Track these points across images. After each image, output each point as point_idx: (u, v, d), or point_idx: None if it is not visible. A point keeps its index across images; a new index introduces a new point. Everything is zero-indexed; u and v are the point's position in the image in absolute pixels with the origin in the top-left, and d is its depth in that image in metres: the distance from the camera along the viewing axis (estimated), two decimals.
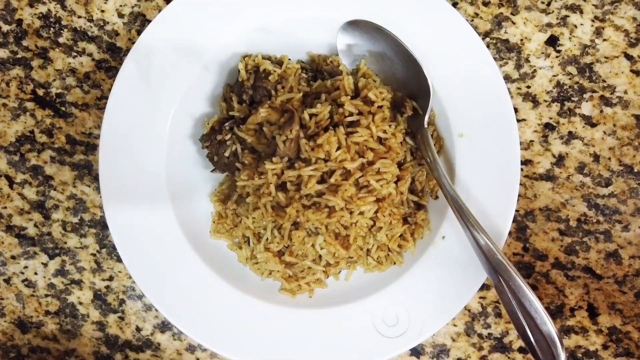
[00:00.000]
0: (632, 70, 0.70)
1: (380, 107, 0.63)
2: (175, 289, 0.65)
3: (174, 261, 0.66)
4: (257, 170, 0.63)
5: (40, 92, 0.73)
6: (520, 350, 0.71)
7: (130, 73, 0.66)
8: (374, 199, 0.61)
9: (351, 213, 0.62)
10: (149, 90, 0.66)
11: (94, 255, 0.73)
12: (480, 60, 0.64)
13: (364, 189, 0.61)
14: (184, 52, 0.66)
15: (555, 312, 0.71)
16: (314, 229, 0.63)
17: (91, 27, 0.73)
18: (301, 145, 0.61)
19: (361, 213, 0.62)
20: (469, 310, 0.71)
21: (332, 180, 0.60)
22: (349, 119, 0.62)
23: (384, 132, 0.63)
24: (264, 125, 0.63)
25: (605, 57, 0.70)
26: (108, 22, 0.73)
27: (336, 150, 0.60)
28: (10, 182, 0.73)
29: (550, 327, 0.58)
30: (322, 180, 0.61)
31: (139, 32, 0.72)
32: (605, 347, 0.71)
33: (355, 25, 0.65)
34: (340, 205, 0.61)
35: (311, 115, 0.62)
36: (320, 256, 0.65)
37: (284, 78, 0.64)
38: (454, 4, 0.71)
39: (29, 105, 0.73)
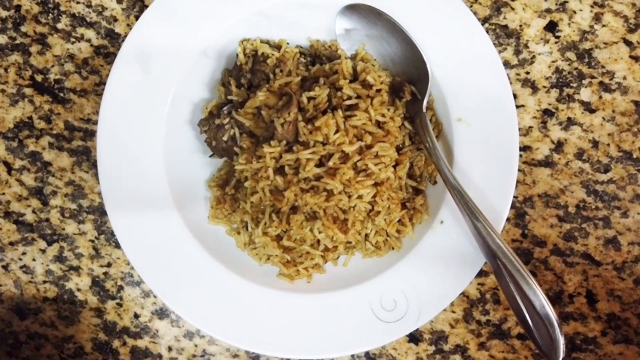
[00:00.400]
0: (631, 56, 0.70)
1: (378, 90, 0.63)
2: (174, 274, 0.65)
3: (172, 247, 0.65)
4: (255, 154, 0.63)
5: (39, 78, 0.73)
6: (519, 336, 0.71)
7: (128, 59, 0.65)
8: (372, 182, 0.61)
9: (349, 197, 0.61)
10: (146, 76, 0.66)
11: (92, 241, 0.73)
12: (479, 45, 0.64)
13: (362, 172, 0.61)
14: (182, 37, 0.66)
15: (554, 299, 0.70)
16: (312, 212, 0.63)
17: (90, 12, 0.73)
18: (299, 128, 0.61)
19: (359, 197, 0.62)
20: (467, 297, 0.71)
21: (330, 163, 0.60)
22: (348, 102, 0.62)
23: (383, 115, 0.62)
24: (262, 109, 0.63)
25: (604, 43, 0.70)
26: (107, 8, 0.73)
27: (334, 134, 0.60)
28: (9, 168, 0.73)
29: (548, 310, 0.58)
30: (320, 164, 0.61)
31: (137, 18, 0.72)
32: (604, 333, 0.70)
33: (354, 9, 0.65)
34: (339, 188, 0.60)
35: (309, 99, 0.62)
36: (318, 241, 0.65)
37: (282, 62, 0.64)
38: None
39: (28, 91, 0.73)
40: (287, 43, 0.67)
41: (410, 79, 0.66)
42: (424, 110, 0.65)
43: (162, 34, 0.65)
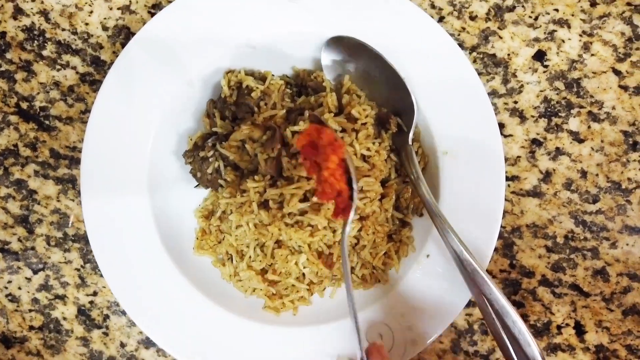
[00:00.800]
0: (620, 86, 0.70)
1: (364, 124, 0.63)
2: (158, 306, 0.65)
3: (156, 278, 0.65)
4: (239, 188, 0.62)
5: (24, 105, 0.73)
6: None
7: (113, 87, 0.65)
8: (357, 217, 0.61)
9: (334, 231, 0.61)
10: (131, 104, 0.65)
11: (78, 270, 0.73)
12: (464, 76, 0.64)
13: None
14: (168, 66, 0.65)
15: (542, 330, 0.70)
16: (297, 247, 0.62)
17: (75, 40, 0.72)
18: (283, 163, 0.60)
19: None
20: (455, 327, 0.71)
21: (314, 198, 0.60)
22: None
23: (368, 149, 0.62)
24: (247, 142, 0.62)
25: (593, 72, 0.70)
26: (92, 35, 0.72)
27: None
28: None
29: (534, 348, 0.57)
30: (304, 199, 0.61)
31: (123, 45, 0.72)
32: None
33: (339, 41, 0.64)
34: (323, 223, 0.60)
35: (293, 133, 0.61)
36: (303, 274, 0.64)
37: (267, 94, 0.64)
38: (441, 18, 0.70)
39: (13, 118, 0.73)
40: (273, 75, 0.66)
41: (396, 110, 0.65)
42: (410, 142, 0.64)
43: (148, 62, 0.65)
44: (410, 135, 0.64)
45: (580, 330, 0.70)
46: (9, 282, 0.73)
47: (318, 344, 0.64)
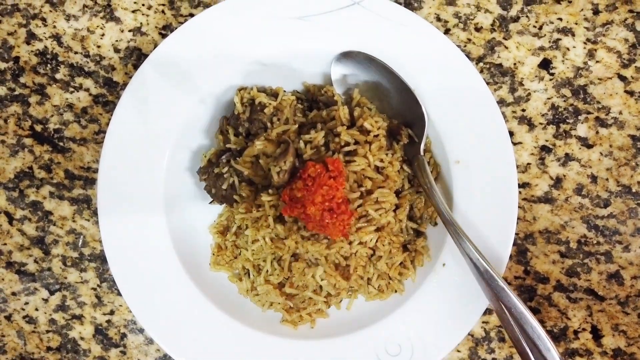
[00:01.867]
0: (626, 91, 0.71)
1: (376, 136, 0.63)
2: (176, 322, 0.65)
3: (173, 294, 0.65)
4: (254, 203, 0.63)
5: (39, 127, 0.74)
6: None
7: (128, 107, 0.66)
8: (373, 228, 0.61)
9: (350, 243, 0.62)
10: (146, 123, 0.66)
11: (94, 289, 0.73)
12: (473, 86, 0.65)
13: (362, 218, 0.61)
14: (180, 85, 0.67)
15: (559, 335, 0.70)
16: (314, 260, 0.63)
17: (88, 62, 0.74)
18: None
19: (361, 243, 0.62)
20: (472, 336, 0.71)
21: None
22: (346, 148, 0.62)
23: (381, 160, 0.63)
24: (260, 158, 0.63)
25: (598, 79, 0.71)
26: (104, 57, 0.73)
27: None
28: (10, 218, 0.73)
29: (554, 353, 0.57)
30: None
31: (135, 67, 0.73)
32: None
33: (349, 56, 0.66)
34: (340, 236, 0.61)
35: (306, 143, 0.62)
36: (320, 287, 0.65)
37: (280, 110, 0.65)
38: (447, 30, 0.71)
39: (27, 141, 0.74)
40: (284, 91, 0.67)
41: (406, 121, 0.66)
42: (422, 153, 0.65)
43: (161, 82, 0.66)
44: (422, 145, 0.65)
45: (597, 334, 0.70)
46: (26, 303, 0.73)
47: (336, 357, 0.64)
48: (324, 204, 0.58)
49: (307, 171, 0.59)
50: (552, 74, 0.71)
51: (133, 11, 0.73)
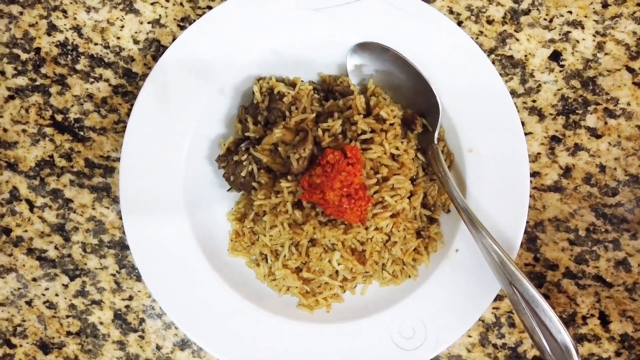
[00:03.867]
0: (634, 83, 0.72)
1: (392, 124, 0.65)
2: (195, 306, 0.67)
3: (193, 279, 0.67)
4: (273, 189, 0.65)
5: (59, 117, 0.75)
6: (535, 359, 0.72)
7: (148, 97, 0.68)
8: (389, 214, 0.63)
9: (367, 229, 0.63)
10: (166, 113, 0.68)
11: (113, 275, 0.75)
12: (486, 76, 0.66)
13: (378, 204, 0.63)
14: (200, 75, 0.68)
15: (568, 321, 0.72)
16: (331, 245, 0.65)
17: (107, 53, 0.75)
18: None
19: (377, 229, 0.63)
20: (483, 321, 0.72)
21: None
22: (363, 137, 0.64)
23: (397, 148, 0.64)
24: (279, 145, 0.65)
25: (607, 71, 0.72)
26: (124, 49, 0.75)
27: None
28: (31, 206, 0.75)
29: (565, 335, 0.59)
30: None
31: (154, 58, 0.75)
32: (618, 354, 0.72)
33: (364, 47, 0.67)
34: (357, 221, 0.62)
35: (324, 130, 0.64)
36: (337, 271, 0.66)
37: (298, 99, 0.66)
38: (459, 23, 0.73)
39: (48, 130, 0.75)
40: (302, 81, 0.69)
41: (420, 111, 0.68)
42: (436, 141, 0.67)
43: (180, 72, 0.68)
44: (436, 134, 0.66)
45: (604, 320, 0.72)
46: (47, 289, 0.75)
47: (352, 340, 0.66)
48: (342, 189, 0.60)
49: (326, 158, 0.60)
50: (562, 66, 0.73)
51: (152, 3, 0.75)
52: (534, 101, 0.73)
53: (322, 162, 0.60)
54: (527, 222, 0.72)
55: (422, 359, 0.65)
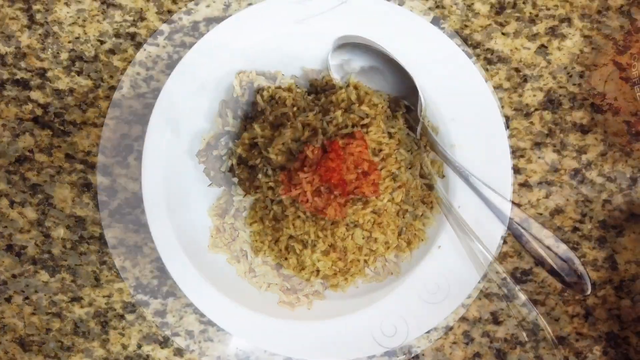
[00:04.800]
0: (621, 78, 0.71)
1: (374, 118, 0.64)
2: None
3: (172, 276, 0.66)
4: (252, 185, 0.64)
5: (39, 111, 0.74)
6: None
7: (128, 91, 0.67)
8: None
9: (347, 225, 0.62)
10: (146, 107, 0.67)
11: (94, 272, 0.74)
12: (467, 72, 0.66)
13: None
14: (181, 70, 0.67)
15: (553, 322, 0.71)
16: (311, 241, 0.64)
17: (89, 47, 0.74)
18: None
19: (357, 225, 0.62)
20: (467, 319, 0.72)
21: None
22: (344, 131, 0.63)
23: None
24: (258, 140, 0.64)
25: (594, 65, 0.71)
26: (105, 42, 0.74)
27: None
28: (11, 201, 0.74)
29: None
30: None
31: (135, 51, 0.74)
32: (604, 352, 0.71)
33: (346, 43, 0.67)
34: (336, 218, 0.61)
35: (304, 125, 0.63)
36: (318, 269, 0.65)
37: (278, 93, 0.66)
38: (444, 17, 0.72)
39: (28, 125, 0.75)
40: (283, 74, 0.68)
41: (403, 96, 0.68)
42: (421, 118, 0.67)
43: (161, 67, 0.67)
44: (419, 111, 0.66)
45: (591, 318, 0.71)
46: (26, 285, 0.74)
47: (332, 338, 0.65)
48: (322, 185, 0.59)
49: (305, 153, 0.59)
50: (549, 61, 0.72)
51: None
52: (519, 96, 0.72)
53: (301, 157, 0.59)
54: (512, 218, 0.71)
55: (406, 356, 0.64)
